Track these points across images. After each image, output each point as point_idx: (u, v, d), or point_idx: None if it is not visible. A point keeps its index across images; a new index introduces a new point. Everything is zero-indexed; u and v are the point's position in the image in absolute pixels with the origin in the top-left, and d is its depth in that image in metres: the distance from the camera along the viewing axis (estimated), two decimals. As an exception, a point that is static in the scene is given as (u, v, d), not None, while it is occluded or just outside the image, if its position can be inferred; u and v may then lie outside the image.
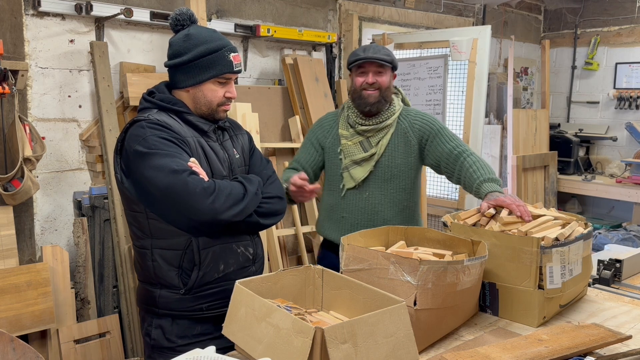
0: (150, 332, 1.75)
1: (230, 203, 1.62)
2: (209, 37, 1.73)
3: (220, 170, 1.75)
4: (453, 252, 1.68)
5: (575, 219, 1.79)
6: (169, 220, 1.65)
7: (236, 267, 1.76)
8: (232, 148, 1.84)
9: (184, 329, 1.72)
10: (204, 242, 1.68)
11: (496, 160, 4.67)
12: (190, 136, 1.71)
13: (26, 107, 2.65)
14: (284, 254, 3.36)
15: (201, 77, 1.72)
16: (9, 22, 2.51)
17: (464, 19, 4.88)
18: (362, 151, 2.27)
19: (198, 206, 1.57)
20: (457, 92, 3.97)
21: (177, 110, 1.73)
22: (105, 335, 2.76)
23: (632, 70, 5.30)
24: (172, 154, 1.59)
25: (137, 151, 1.61)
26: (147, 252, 1.71)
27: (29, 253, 2.66)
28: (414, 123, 2.28)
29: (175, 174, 1.56)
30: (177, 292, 1.69)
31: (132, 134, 1.64)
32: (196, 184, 1.57)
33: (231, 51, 1.74)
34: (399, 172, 2.27)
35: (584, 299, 1.84)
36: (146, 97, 1.77)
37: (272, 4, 3.58)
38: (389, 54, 2.24)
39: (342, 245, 1.59)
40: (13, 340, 1.33)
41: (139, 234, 1.73)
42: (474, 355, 1.31)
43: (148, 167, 1.58)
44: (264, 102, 3.43)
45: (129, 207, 1.73)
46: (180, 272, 1.69)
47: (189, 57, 1.71)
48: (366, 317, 1.20)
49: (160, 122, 1.66)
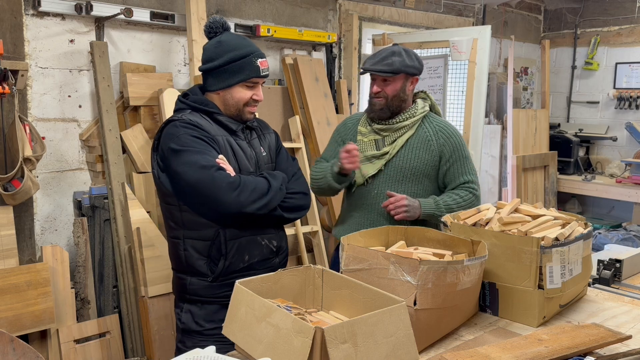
0: (180, 317, 1.91)
1: (255, 197, 1.76)
2: (239, 44, 1.87)
3: (248, 167, 1.88)
4: (453, 252, 1.68)
5: (575, 219, 1.79)
6: (199, 211, 1.80)
7: (260, 258, 1.90)
8: (260, 146, 1.97)
9: (212, 313, 1.86)
10: (231, 233, 1.83)
11: (496, 160, 4.67)
12: (219, 135, 1.85)
13: (26, 107, 2.65)
14: (284, 254, 3.36)
15: (230, 81, 1.86)
16: (9, 22, 2.51)
17: (464, 19, 4.88)
18: (374, 148, 2.28)
19: (224, 199, 1.72)
20: (457, 92, 3.97)
21: (208, 111, 1.88)
22: (105, 335, 2.76)
23: (632, 70, 5.30)
24: (201, 151, 1.75)
25: (170, 148, 1.77)
26: (180, 242, 1.86)
27: (29, 253, 2.66)
28: (439, 133, 2.25)
29: (203, 170, 1.72)
30: (205, 280, 1.85)
31: (167, 132, 1.80)
32: (222, 178, 1.72)
33: (258, 57, 1.88)
34: (411, 175, 2.24)
35: (584, 299, 1.84)
36: (181, 98, 1.92)
37: (272, 4, 3.58)
38: (392, 64, 2.17)
39: (342, 245, 1.59)
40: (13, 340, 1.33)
41: (173, 225, 1.88)
42: (474, 355, 1.31)
43: (180, 163, 1.74)
44: (264, 102, 3.40)
45: (164, 201, 1.88)
46: (208, 261, 1.84)
47: (219, 62, 1.85)
48: (366, 317, 1.20)
49: (192, 122, 1.81)
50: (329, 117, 3.57)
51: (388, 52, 2.22)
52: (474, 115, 3.75)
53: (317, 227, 3.47)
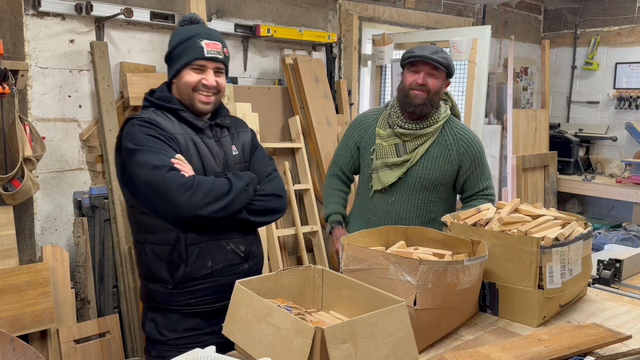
0: (144, 325, 1.82)
1: (211, 199, 1.64)
2: (189, 28, 1.80)
3: (214, 167, 1.77)
4: (453, 252, 1.68)
5: (575, 219, 1.79)
6: (156, 214, 1.70)
7: (225, 264, 1.77)
8: (231, 145, 1.86)
9: (175, 322, 1.76)
10: (192, 238, 1.71)
11: (496, 160, 4.67)
12: (180, 133, 1.75)
13: (26, 107, 2.65)
14: (284, 254, 3.36)
15: (177, 67, 1.77)
16: (9, 22, 2.51)
17: (464, 19, 4.88)
18: (395, 155, 2.19)
19: (176, 201, 1.61)
20: (457, 92, 3.97)
21: (171, 108, 1.78)
22: (105, 335, 2.76)
23: (632, 70, 5.30)
24: (156, 150, 1.65)
25: (127, 148, 1.68)
26: (141, 247, 1.77)
27: (29, 253, 2.66)
28: (460, 142, 2.21)
29: (155, 170, 1.61)
30: (166, 287, 1.74)
31: (125, 131, 1.72)
32: (174, 179, 1.61)
33: (204, 38, 1.76)
34: (430, 185, 2.20)
35: (584, 299, 1.84)
36: (147, 96, 1.83)
37: (272, 4, 3.58)
38: (446, 58, 2.13)
39: (342, 245, 1.59)
40: (13, 340, 1.33)
41: (135, 228, 1.80)
42: (474, 355, 1.31)
43: (134, 163, 1.65)
44: (264, 102, 3.43)
45: (128, 203, 1.80)
46: (169, 266, 1.72)
47: (169, 49, 1.80)
48: (366, 317, 1.20)
49: (149, 120, 1.71)
50: (329, 117, 3.57)
51: (437, 47, 2.17)
52: (474, 115, 3.75)
53: (317, 227, 3.47)
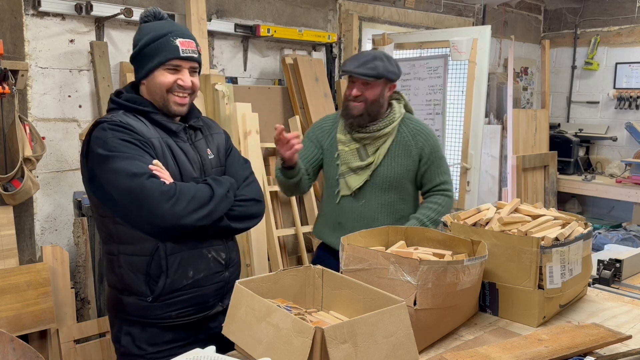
0: (119, 339, 1.68)
1: (194, 207, 1.55)
2: (158, 26, 1.67)
3: (191, 172, 1.67)
4: (453, 252, 1.68)
5: (575, 219, 1.79)
6: (133, 224, 1.59)
7: (207, 273, 1.68)
8: (206, 148, 1.76)
9: (154, 336, 1.65)
10: (171, 247, 1.61)
11: (496, 160, 4.67)
12: (155, 137, 1.64)
13: (26, 107, 2.65)
14: (284, 254, 3.36)
15: (149, 67, 1.65)
16: (9, 22, 2.51)
17: (464, 19, 4.88)
18: (358, 159, 2.22)
19: (158, 211, 1.51)
20: (457, 92, 3.97)
21: (142, 110, 1.66)
22: (105, 335, 2.75)
23: (632, 70, 5.30)
24: (132, 157, 1.54)
25: (98, 154, 1.55)
26: (114, 258, 1.65)
27: (29, 253, 2.66)
28: (417, 137, 2.24)
29: (133, 178, 1.51)
30: (144, 300, 1.62)
31: (95, 136, 1.58)
32: (155, 187, 1.51)
33: (178, 36, 1.65)
34: (397, 182, 2.24)
35: (584, 299, 1.84)
36: (113, 97, 1.71)
37: (272, 4, 3.58)
38: (375, 67, 2.11)
39: (342, 245, 1.58)
40: (13, 340, 1.33)
41: (106, 239, 1.67)
42: (474, 355, 1.31)
43: (108, 171, 1.54)
44: (264, 102, 3.43)
45: (96, 212, 1.67)
46: (147, 278, 1.61)
47: (138, 47, 1.66)
48: (366, 317, 1.20)
49: (122, 124, 1.59)
50: (329, 117, 3.57)
51: (370, 56, 2.16)
52: (474, 115, 3.75)
53: (317, 227, 3.47)
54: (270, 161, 3.41)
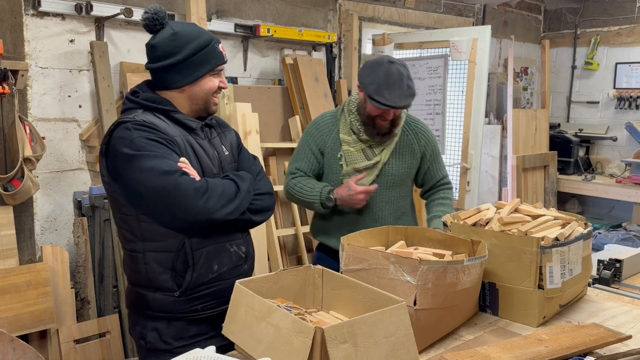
0: (145, 336, 1.71)
1: (224, 202, 1.61)
2: (196, 32, 1.71)
3: (211, 168, 1.73)
4: (453, 252, 1.68)
5: (575, 219, 1.79)
6: (161, 222, 1.62)
7: (230, 267, 1.74)
8: (221, 145, 1.81)
9: (180, 330, 1.70)
10: (196, 242, 1.66)
11: (496, 160, 4.67)
12: (178, 135, 1.68)
13: (26, 107, 2.65)
14: (284, 254, 3.36)
15: (198, 73, 1.69)
16: (9, 22, 2.51)
17: (464, 19, 4.88)
18: (364, 159, 2.21)
19: (192, 207, 1.56)
20: (457, 92, 3.97)
21: (163, 109, 1.69)
22: (105, 335, 2.76)
23: (632, 70, 5.30)
24: (161, 155, 1.57)
25: (124, 154, 1.58)
26: (139, 256, 1.67)
27: (29, 253, 2.66)
28: (419, 136, 2.28)
29: (166, 175, 1.54)
30: (171, 295, 1.66)
31: (118, 136, 1.61)
32: (188, 184, 1.56)
33: (218, 42, 1.75)
34: (401, 181, 2.26)
35: (584, 299, 1.84)
36: (130, 97, 1.72)
37: (272, 4, 3.58)
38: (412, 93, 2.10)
39: (342, 245, 1.59)
40: (13, 340, 1.33)
41: (130, 237, 1.69)
42: (474, 355, 1.31)
43: (137, 170, 1.56)
44: (264, 102, 3.43)
45: (119, 210, 1.69)
46: (173, 274, 1.66)
47: (183, 55, 1.67)
48: (366, 317, 1.20)
49: (146, 123, 1.62)
50: (329, 117, 3.57)
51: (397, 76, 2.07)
52: (474, 115, 3.75)
53: (317, 227, 3.47)
54: (270, 161, 3.41)
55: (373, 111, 2.12)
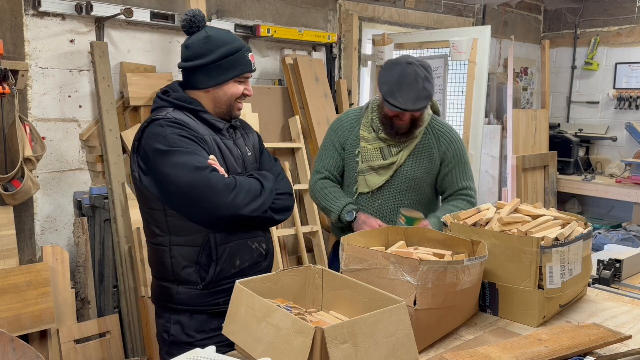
0: (168, 329, 1.79)
1: (250, 198, 1.70)
2: (229, 38, 1.80)
3: (235, 167, 1.80)
4: (453, 252, 1.68)
5: (575, 219, 1.79)
6: (190, 216, 1.70)
7: (251, 262, 1.81)
8: (245, 146, 1.89)
9: (202, 323, 1.77)
10: (220, 238, 1.73)
11: (496, 160, 4.67)
12: (206, 134, 1.76)
13: (26, 107, 2.65)
14: (284, 254, 3.36)
15: (224, 77, 1.77)
16: (9, 22, 2.51)
17: (464, 19, 4.88)
18: (380, 158, 2.17)
19: (221, 202, 1.64)
20: (457, 92, 3.97)
21: (193, 108, 1.77)
22: (105, 335, 2.76)
23: (632, 70, 5.30)
24: (192, 152, 1.65)
25: (157, 149, 1.66)
26: (165, 249, 1.75)
27: (29, 253, 2.66)
28: (440, 139, 2.20)
29: (197, 171, 1.62)
30: (195, 288, 1.74)
31: (151, 132, 1.69)
32: (218, 180, 1.64)
33: (248, 51, 1.82)
34: (417, 185, 2.20)
35: (584, 299, 1.84)
36: (161, 95, 1.81)
37: (272, 4, 3.58)
38: (428, 95, 2.04)
39: (342, 245, 1.59)
40: (13, 340, 1.33)
41: (157, 231, 1.76)
42: (474, 355, 1.31)
43: (169, 165, 1.64)
44: (264, 102, 3.43)
45: (147, 205, 1.77)
46: (198, 267, 1.74)
47: (211, 58, 1.75)
48: (366, 317, 1.20)
49: (178, 121, 1.70)
50: (328, 117, 3.57)
51: (413, 77, 2.02)
52: (474, 115, 3.75)
53: (317, 227, 3.47)
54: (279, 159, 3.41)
55: (389, 112, 2.10)
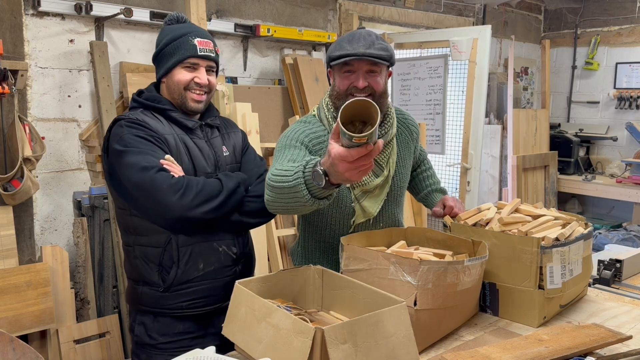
0: (134, 328, 1.78)
1: (202, 199, 1.61)
2: (179, 27, 1.78)
3: (205, 167, 1.74)
4: (453, 252, 1.68)
5: (575, 219, 1.79)
6: (147, 216, 1.68)
7: (217, 266, 1.74)
8: (222, 146, 1.83)
9: (165, 326, 1.73)
10: (183, 239, 1.69)
11: (496, 160, 4.67)
12: (170, 134, 1.72)
13: (26, 107, 2.65)
14: (284, 254, 3.36)
15: (168, 65, 1.75)
16: (9, 22, 2.51)
17: (464, 18, 4.88)
18: (373, 177, 1.77)
19: (165, 202, 1.58)
20: (457, 92, 3.97)
21: (160, 108, 1.75)
22: (105, 335, 2.76)
23: (632, 70, 5.30)
24: (144, 152, 1.62)
25: (115, 149, 1.65)
26: (131, 249, 1.74)
27: (29, 253, 2.65)
28: (410, 128, 1.94)
29: (143, 171, 1.58)
30: (157, 290, 1.71)
31: (113, 132, 1.69)
32: (163, 180, 1.58)
33: (197, 36, 1.75)
34: (405, 185, 1.95)
35: (584, 299, 1.84)
36: (134, 97, 1.81)
37: (272, 4, 3.58)
38: (386, 47, 1.66)
39: (342, 245, 1.58)
40: (13, 340, 1.33)
41: (124, 230, 1.77)
42: (474, 355, 1.31)
43: (123, 165, 1.63)
44: (264, 102, 3.43)
45: (116, 205, 1.77)
46: (160, 269, 1.70)
47: (159, 47, 1.77)
48: (366, 317, 1.20)
49: (137, 121, 1.68)
50: (329, 117, 3.57)
51: (370, 35, 1.67)
52: (474, 115, 3.75)
53: (317, 227, 3.47)
54: (270, 161, 3.41)
55: (342, 82, 1.67)
